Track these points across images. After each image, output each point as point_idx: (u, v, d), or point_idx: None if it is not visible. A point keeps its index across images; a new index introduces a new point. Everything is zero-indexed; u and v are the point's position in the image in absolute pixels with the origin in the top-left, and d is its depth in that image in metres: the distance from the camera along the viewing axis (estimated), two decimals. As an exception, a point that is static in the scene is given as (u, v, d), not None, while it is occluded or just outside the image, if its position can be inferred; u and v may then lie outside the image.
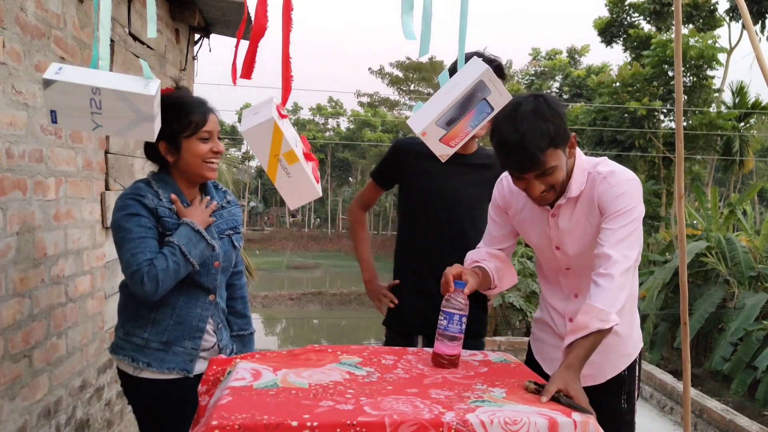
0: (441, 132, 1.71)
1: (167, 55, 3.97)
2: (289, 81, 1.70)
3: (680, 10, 1.95)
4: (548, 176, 1.76)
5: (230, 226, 2.13)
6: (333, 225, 52.38)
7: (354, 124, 47.52)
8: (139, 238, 1.88)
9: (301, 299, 25.61)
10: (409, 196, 2.49)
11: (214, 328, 2.09)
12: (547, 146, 1.70)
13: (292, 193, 1.70)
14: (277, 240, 46.79)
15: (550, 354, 2.01)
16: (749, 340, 8.21)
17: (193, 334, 2.01)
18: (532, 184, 1.77)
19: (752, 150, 21.89)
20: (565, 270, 1.95)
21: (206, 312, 2.04)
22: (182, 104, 1.95)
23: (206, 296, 2.04)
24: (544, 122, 1.70)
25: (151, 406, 2.03)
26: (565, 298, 1.97)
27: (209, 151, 1.98)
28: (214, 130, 1.99)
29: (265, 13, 1.64)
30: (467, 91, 1.71)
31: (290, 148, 1.63)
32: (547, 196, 1.81)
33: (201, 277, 2.01)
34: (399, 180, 2.51)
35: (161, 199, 1.96)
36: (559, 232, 1.89)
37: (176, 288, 1.95)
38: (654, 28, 22.02)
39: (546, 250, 1.96)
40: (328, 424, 1.28)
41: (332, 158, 48.79)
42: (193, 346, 2.01)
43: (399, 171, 2.48)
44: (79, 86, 1.59)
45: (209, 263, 2.01)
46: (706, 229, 11.03)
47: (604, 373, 1.93)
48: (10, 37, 2.08)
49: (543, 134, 1.69)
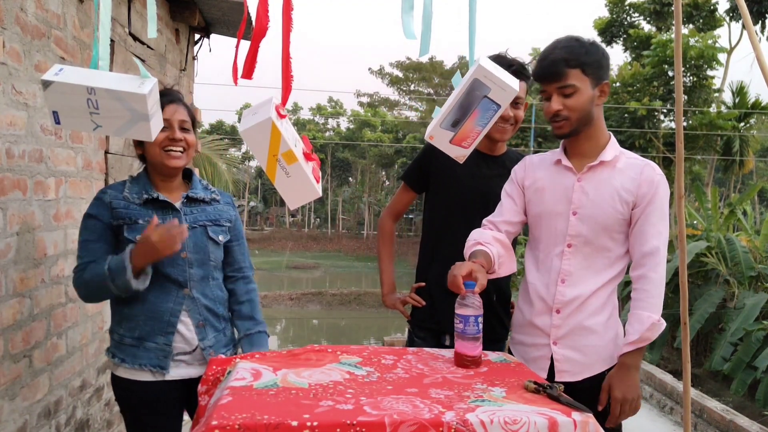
0: (449, 134, 1.72)
1: (167, 55, 3.97)
2: (289, 81, 1.70)
3: (680, 10, 1.96)
4: (567, 98, 1.86)
5: (209, 218, 2.09)
6: (333, 225, 52.36)
7: (354, 124, 47.50)
8: (84, 241, 1.97)
9: (301, 299, 25.60)
10: (438, 197, 2.44)
11: (194, 325, 2.02)
12: (574, 64, 1.84)
13: (292, 193, 1.70)
14: (277, 240, 46.78)
15: (531, 354, 2.02)
16: (749, 340, 8.20)
17: (164, 329, 1.98)
18: (552, 98, 1.88)
19: (752, 150, 21.90)
20: (566, 247, 1.95)
21: (178, 306, 2.00)
22: None
23: (179, 290, 2.01)
24: (581, 47, 1.86)
25: (131, 404, 2.02)
26: (552, 282, 1.96)
27: (165, 139, 1.98)
28: (171, 118, 1.99)
29: (266, 13, 1.64)
30: (463, 91, 1.71)
31: (288, 148, 1.63)
32: (563, 122, 1.89)
33: (166, 268, 1.97)
34: (430, 181, 2.45)
35: (124, 192, 2.00)
36: (583, 196, 1.93)
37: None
38: (654, 28, 22.02)
39: (558, 217, 1.96)
40: (328, 424, 1.28)
41: (332, 158, 48.79)
42: (165, 342, 1.98)
43: (430, 172, 2.43)
44: (75, 86, 1.59)
45: (176, 254, 1.96)
46: (706, 229, 11.02)
47: (582, 371, 1.94)
48: (10, 37, 2.08)
49: (573, 53, 1.84)
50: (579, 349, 1.93)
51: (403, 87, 44.92)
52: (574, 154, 1.98)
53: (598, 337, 1.92)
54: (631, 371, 1.83)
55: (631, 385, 1.83)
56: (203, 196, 2.10)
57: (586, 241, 1.93)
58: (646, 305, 1.82)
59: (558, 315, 1.95)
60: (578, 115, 1.87)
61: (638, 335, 1.81)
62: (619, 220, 1.90)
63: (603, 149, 1.94)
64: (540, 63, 1.89)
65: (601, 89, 1.90)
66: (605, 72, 1.91)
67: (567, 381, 1.89)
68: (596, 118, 1.92)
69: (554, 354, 1.96)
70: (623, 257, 1.96)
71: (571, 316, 1.94)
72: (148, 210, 1.99)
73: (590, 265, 1.93)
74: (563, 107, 1.87)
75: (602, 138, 1.95)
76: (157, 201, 2.01)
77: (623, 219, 1.91)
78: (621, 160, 1.94)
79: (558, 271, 1.96)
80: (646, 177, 1.89)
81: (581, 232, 1.93)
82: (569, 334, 1.94)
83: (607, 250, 1.93)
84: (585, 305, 1.92)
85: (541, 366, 1.98)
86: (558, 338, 1.95)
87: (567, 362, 1.94)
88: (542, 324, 1.98)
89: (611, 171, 1.92)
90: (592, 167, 1.93)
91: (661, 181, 1.89)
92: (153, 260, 1.89)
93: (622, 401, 1.82)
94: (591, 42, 1.90)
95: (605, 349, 1.92)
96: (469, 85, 1.71)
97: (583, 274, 1.93)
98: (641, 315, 1.82)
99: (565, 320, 1.94)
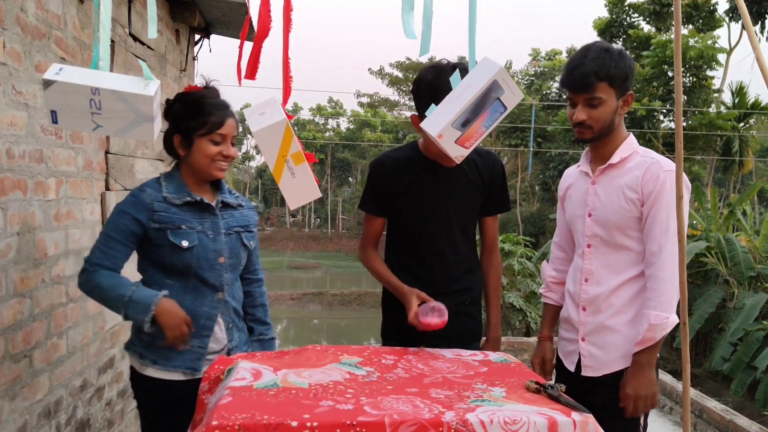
0: (457, 134, 1.72)
1: (167, 56, 3.97)
2: (289, 81, 1.70)
3: (680, 10, 1.96)
4: (593, 108, 1.92)
5: (240, 224, 2.14)
6: (333, 225, 52.33)
7: (354, 124, 47.46)
8: (107, 235, 1.95)
9: (302, 299, 25.59)
10: (397, 213, 2.24)
11: (224, 327, 2.08)
12: (603, 77, 1.89)
13: (295, 193, 1.71)
14: (278, 240, 46.77)
15: (567, 348, 2.13)
16: (749, 340, 8.21)
17: (200, 332, 2.01)
18: (579, 108, 1.93)
19: (752, 150, 21.90)
20: (586, 248, 2.05)
21: (214, 310, 2.04)
22: (203, 104, 1.99)
23: (214, 294, 2.04)
24: (611, 59, 1.90)
25: (155, 404, 2.03)
26: (578, 281, 2.07)
27: (218, 153, 2.00)
28: (228, 134, 2.01)
29: (268, 13, 1.64)
30: (482, 91, 1.71)
31: (298, 149, 1.65)
32: (586, 130, 1.95)
33: (204, 272, 2.00)
34: (389, 201, 2.23)
35: (164, 192, 1.99)
36: (596, 198, 2.02)
37: (182, 286, 1.98)
38: (654, 28, 22.04)
39: (579, 220, 2.08)
40: (328, 424, 1.28)
41: (332, 158, 48.76)
42: (200, 345, 2.01)
43: (387, 193, 2.22)
44: (78, 87, 1.59)
45: (212, 260, 2.02)
46: (706, 229, 11.02)
47: (601, 367, 2.00)
48: (11, 37, 2.08)
49: (603, 66, 1.89)
50: (601, 346, 2.00)
51: (403, 87, 44.88)
52: (594, 158, 2.08)
53: (619, 336, 1.97)
54: (644, 368, 1.89)
55: (644, 382, 1.88)
56: (232, 202, 2.15)
57: (602, 241, 2.01)
58: (655, 304, 1.86)
59: (584, 312, 2.05)
60: (601, 125, 1.94)
61: (642, 335, 1.87)
62: (630, 218, 1.95)
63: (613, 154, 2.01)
64: (570, 73, 1.93)
65: (624, 100, 1.95)
66: (630, 83, 1.95)
67: (590, 376, 2.00)
68: (617, 126, 1.99)
69: (581, 349, 2.05)
70: None
71: (595, 314, 2.02)
72: (187, 213, 2.00)
73: (610, 264, 2.00)
74: (588, 117, 1.93)
75: (618, 141, 2.00)
76: (196, 203, 2.03)
77: (634, 217, 1.95)
78: (633, 159, 1.97)
79: (581, 270, 2.06)
80: (651, 174, 1.91)
81: (596, 232, 2.02)
82: (594, 331, 2.02)
83: (626, 249, 1.98)
84: (607, 303, 1.99)
85: (572, 360, 2.08)
86: (585, 334, 2.04)
87: (591, 358, 2.02)
88: (574, 320, 2.09)
89: (619, 171, 1.98)
90: (603, 170, 2.01)
91: (667, 177, 1.90)
92: (163, 325, 1.90)
93: (635, 398, 1.88)
94: (619, 53, 1.93)
95: (627, 347, 1.96)
96: (488, 86, 1.71)
97: (603, 273, 2.01)
98: (648, 315, 1.87)
99: (590, 317, 2.03)
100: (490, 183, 2.24)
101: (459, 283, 2.23)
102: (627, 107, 1.98)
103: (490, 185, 2.24)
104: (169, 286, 1.97)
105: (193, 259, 1.98)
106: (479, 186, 2.22)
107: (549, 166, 26.34)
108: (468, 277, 2.26)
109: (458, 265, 2.23)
